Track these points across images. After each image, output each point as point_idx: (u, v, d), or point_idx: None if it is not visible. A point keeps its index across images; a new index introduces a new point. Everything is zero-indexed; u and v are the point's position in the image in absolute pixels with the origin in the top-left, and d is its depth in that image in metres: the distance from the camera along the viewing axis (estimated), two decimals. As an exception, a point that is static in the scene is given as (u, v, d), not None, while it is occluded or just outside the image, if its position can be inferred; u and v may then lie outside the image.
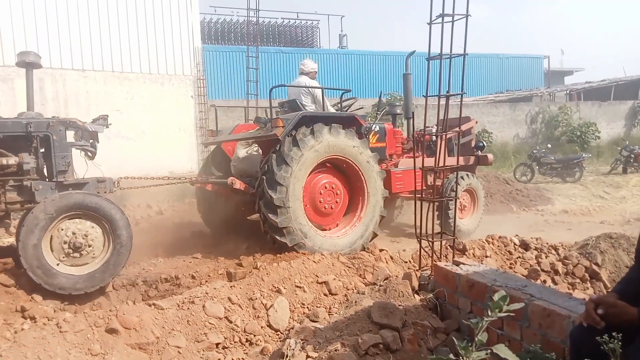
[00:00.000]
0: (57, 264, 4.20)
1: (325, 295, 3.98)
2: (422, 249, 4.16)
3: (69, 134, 4.64)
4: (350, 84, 19.21)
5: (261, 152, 5.98)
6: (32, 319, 3.80)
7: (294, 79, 6.86)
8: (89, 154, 4.81)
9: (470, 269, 3.16)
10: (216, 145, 6.89)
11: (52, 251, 4.21)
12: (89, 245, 4.34)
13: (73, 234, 4.27)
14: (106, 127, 4.98)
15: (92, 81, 11.64)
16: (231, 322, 3.46)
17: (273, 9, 39.08)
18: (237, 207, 6.57)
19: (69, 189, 4.45)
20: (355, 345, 2.77)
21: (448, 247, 4.67)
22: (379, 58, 21.17)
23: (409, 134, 7.67)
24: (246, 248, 5.78)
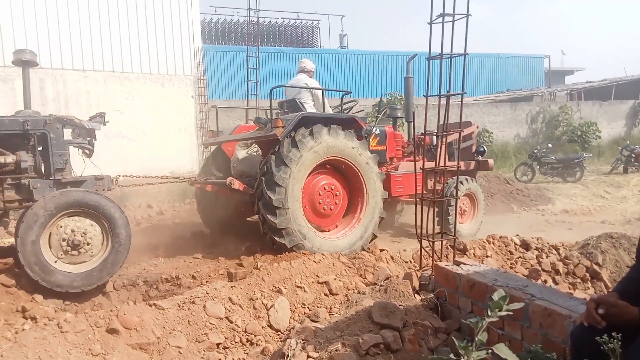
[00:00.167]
0: (55, 261, 4.19)
1: (325, 295, 3.98)
2: (422, 249, 4.16)
3: (66, 131, 4.63)
4: (350, 83, 19.22)
5: (261, 152, 5.98)
6: (33, 319, 3.80)
7: (293, 77, 6.86)
8: (86, 151, 4.80)
9: (471, 269, 3.16)
10: (216, 146, 6.89)
11: (50, 248, 4.20)
12: (88, 243, 4.33)
13: (72, 231, 4.25)
14: (103, 124, 4.96)
15: (92, 81, 11.65)
16: (232, 322, 3.46)
17: (273, 9, 39.15)
18: (236, 207, 6.56)
19: (66, 186, 4.43)
20: (356, 345, 2.76)
21: (449, 247, 4.67)
22: (380, 58, 21.17)
23: (409, 137, 7.67)
24: (246, 248, 5.78)
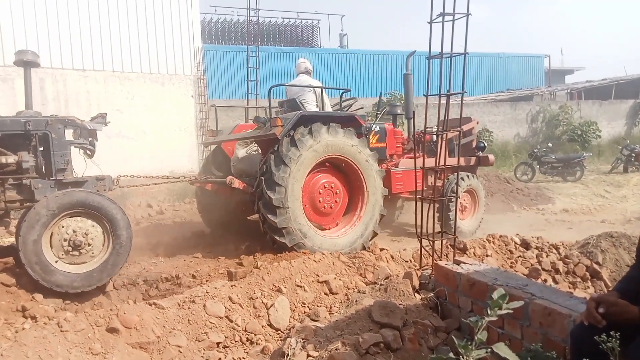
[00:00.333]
0: (56, 261, 4.19)
1: (325, 294, 3.98)
2: (422, 248, 4.16)
3: (67, 132, 4.64)
4: (350, 83, 19.21)
5: (261, 151, 5.98)
6: (33, 318, 3.81)
7: (294, 78, 6.87)
8: (87, 152, 4.80)
9: (471, 268, 3.16)
10: (216, 145, 6.89)
11: (51, 248, 4.20)
12: (89, 244, 4.33)
13: (73, 231, 4.26)
14: (105, 125, 4.97)
15: (92, 81, 11.66)
16: (232, 321, 3.46)
17: (273, 8, 39.17)
18: (237, 206, 6.56)
19: (68, 187, 4.44)
20: (356, 344, 2.76)
21: (449, 246, 4.67)
22: (379, 57, 21.17)
23: (409, 134, 7.66)
24: (246, 247, 5.78)
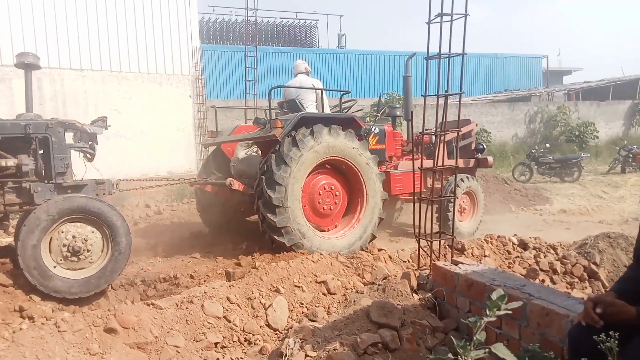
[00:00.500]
0: (54, 267, 4.18)
1: (324, 294, 3.98)
2: (420, 249, 4.16)
3: (67, 135, 4.64)
4: (349, 83, 19.21)
5: (260, 153, 5.98)
6: (31, 318, 3.80)
7: (292, 78, 6.86)
8: (87, 155, 4.80)
9: (469, 269, 3.17)
10: (216, 146, 6.89)
11: (50, 253, 4.19)
12: (88, 250, 4.32)
13: (73, 237, 4.25)
14: (105, 128, 4.98)
15: (90, 81, 11.63)
16: (230, 321, 3.46)
17: (272, 8, 39.12)
18: (236, 207, 6.57)
19: (67, 190, 4.44)
20: (354, 344, 2.77)
21: (447, 246, 4.67)
22: (378, 58, 21.17)
23: (408, 136, 7.68)
24: (244, 248, 5.78)
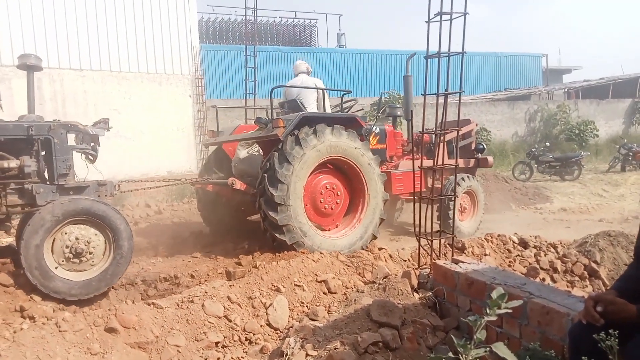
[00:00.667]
0: (56, 267, 4.19)
1: (324, 293, 3.99)
2: (421, 247, 4.16)
3: (70, 137, 4.65)
4: (348, 83, 19.21)
5: (262, 152, 5.99)
6: (31, 318, 3.80)
7: (292, 78, 6.86)
8: (89, 157, 4.81)
9: (469, 267, 3.17)
10: (217, 146, 6.89)
11: (52, 254, 4.20)
12: (90, 252, 4.34)
13: (76, 239, 4.27)
14: (107, 130, 5.00)
15: (90, 81, 11.62)
16: (230, 321, 3.46)
17: (271, 8, 39.16)
18: (237, 207, 6.58)
19: (69, 192, 4.45)
20: (355, 343, 2.77)
21: (447, 245, 4.68)
22: (378, 57, 21.16)
23: (409, 136, 7.67)
24: (245, 247, 5.79)
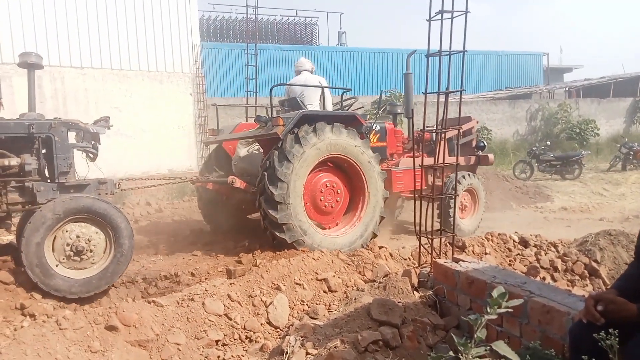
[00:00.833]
0: (56, 265, 4.20)
1: (324, 292, 3.99)
2: (421, 246, 4.16)
3: (70, 135, 4.65)
4: (349, 81, 19.18)
5: (262, 151, 5.99)
6: (32, 316, 3.81)
7: (293, 76, 6.85)
8: (90, 155, 4.82)
9: (470, 266, 3.17)
10: (217, 144, 6.89)
11: (53, 251, 4.21)
12: (91, 251, 4.34)
13: (77, 237, 4.28)
14: (108, 128, 5.01)
15: (91, 79, 11.62)
16: (231, 319, 3.46)
17: (272, 6, 39.14)
18: (237, 205, 6.58)
19: (70, 190, 4.45)
20: (355, 342, 2.77)
21: (447, 244, 4.67)
22: (378, 55, 21.13)
23: (409, 134, 7.67)
24: (246, 245, 5.79)
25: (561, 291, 2.67)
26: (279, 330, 3.55)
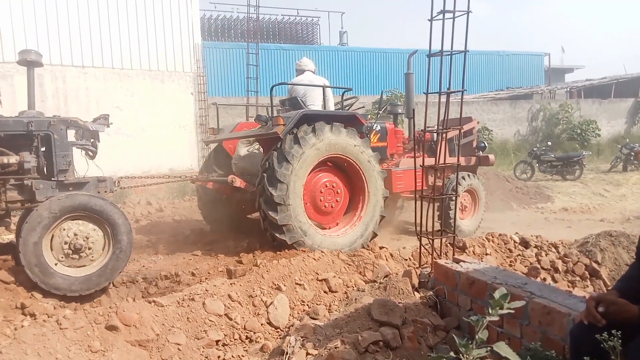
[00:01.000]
0: (55, 264, 4.19)
1: (325, 292, 3.98)
2: (422, 247, 4.16)
3: (69, 133, 4.63)
4: (350, 81, 19.19)
5: (262, 150, 5.98)
6: (32, 315, 3.81)
7: (294, 76, 6.85)
8: (89, 153, 4.80)
9: (470, 267, 3.16)
10: (218, 143, 6.89)
11: (51, 250, 4.20)
12: (89, 248, 4.33)
13: (75, 235, 4.27)
14: (107, 126, 4.99)
15: (92, 78, 11.62)
16: (231, 319, 3.46)
17: (273, 5, 39.07)
18: (237, 205, 6.57)
19: (69, 188, 4.44)
20: (355, 342, 2.77)
21: (448, 244, 4.67)
22: (380, 55, 21.14)
23: (410, 134, 7.66)
24: (246, 245, 5.78)
25: (562, 292, 2.66)
26: (279, 330, 3.55)
